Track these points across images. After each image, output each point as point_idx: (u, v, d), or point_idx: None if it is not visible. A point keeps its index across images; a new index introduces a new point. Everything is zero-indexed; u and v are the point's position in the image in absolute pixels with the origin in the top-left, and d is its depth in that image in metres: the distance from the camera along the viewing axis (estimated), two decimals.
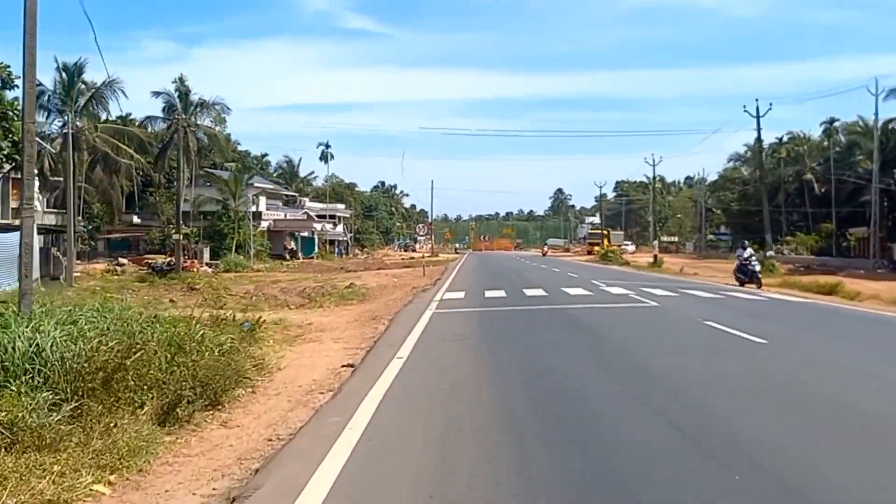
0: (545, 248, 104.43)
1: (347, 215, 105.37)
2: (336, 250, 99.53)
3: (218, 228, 63.94)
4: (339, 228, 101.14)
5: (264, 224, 70.42)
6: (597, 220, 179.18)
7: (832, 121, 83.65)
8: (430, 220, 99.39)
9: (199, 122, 63.43)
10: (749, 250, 30.74)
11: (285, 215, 75.37)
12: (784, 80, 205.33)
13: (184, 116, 61.95)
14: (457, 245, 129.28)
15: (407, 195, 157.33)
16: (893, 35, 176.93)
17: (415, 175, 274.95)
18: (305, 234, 76.73)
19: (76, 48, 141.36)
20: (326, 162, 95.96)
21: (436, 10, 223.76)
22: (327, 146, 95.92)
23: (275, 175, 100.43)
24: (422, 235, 41.32)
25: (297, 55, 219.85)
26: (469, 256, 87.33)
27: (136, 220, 70.48)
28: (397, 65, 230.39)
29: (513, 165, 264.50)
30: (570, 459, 6.09)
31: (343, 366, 11.37)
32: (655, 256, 59.61)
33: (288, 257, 71.76)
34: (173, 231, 63.11)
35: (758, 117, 49.53)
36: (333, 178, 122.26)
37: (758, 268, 29.84)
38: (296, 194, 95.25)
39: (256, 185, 72.98)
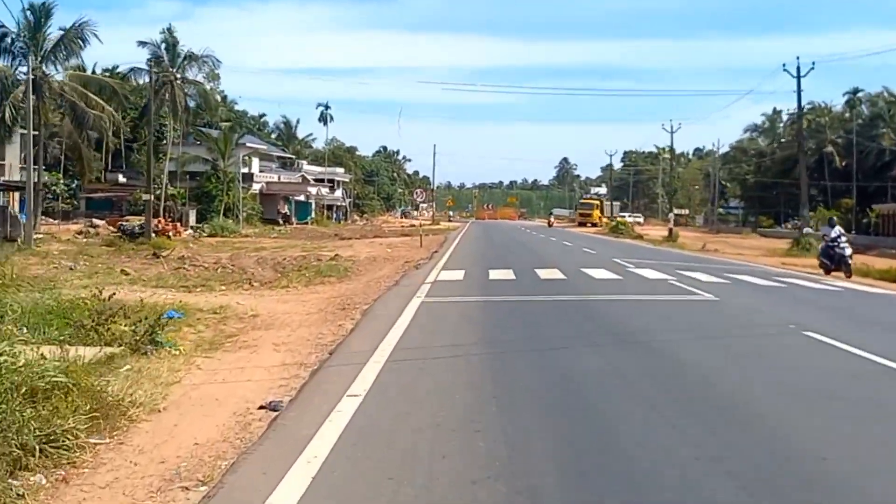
0: (551, 219, 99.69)
1: (347, 180, 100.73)
2: (334, 216, 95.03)
3: (206, 190, 59.46)
4: (338, 193, 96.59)
5: (256, 187, 65.89)
6: (603, 190, 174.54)
7: (856, 91, 78.80)
8: (433, 186, 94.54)
9: (187, 77, 58.65)
10: (837, 229, 24.42)
11: (279, 178, 70.82)
12: (796, 53, 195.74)
13: (171, 70, 57.31)
14: (450, 213, 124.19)
15: (409, 160, 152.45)
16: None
17: (418, 141, 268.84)
18: (301, 198, 72.24)
19: None
20: (326, 124, 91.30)
21: None
22: (326, 107, 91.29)
23: (272, 137, 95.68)
24: (420, 201, 36.92)
25: (303, 17, 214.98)
26: (472, 226, 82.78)
27: (121, 178, 66.01)
28: (404, 29, 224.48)
29: (518, 131, 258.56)
30: None
31: (261, 406, 6.99)
32: (671, 230, 55.12)
33: (281, 222, 67.33)
34: (144, 192, 58.67)
35: (798, 77, 44.51)
36: (335, 142, 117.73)
37: (848, 251, 23.61)
38: (293, 157, 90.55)
39: (248, 144, 68.33)
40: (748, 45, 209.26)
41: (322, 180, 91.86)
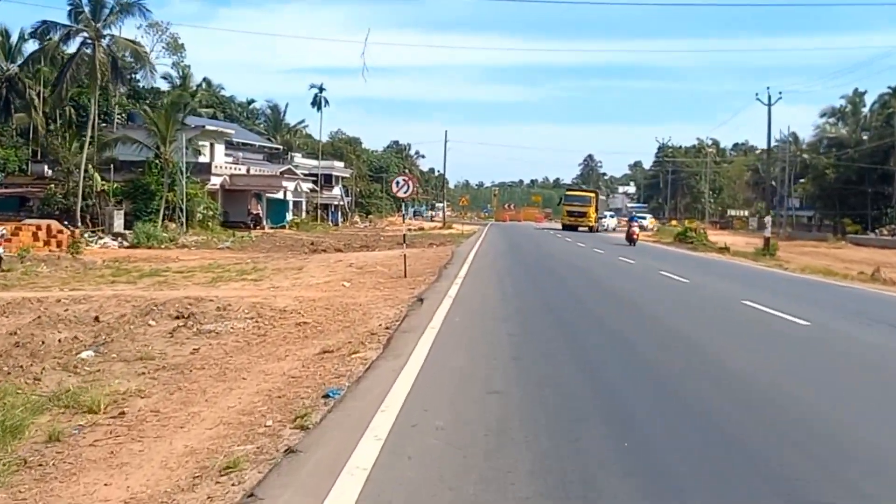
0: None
1: (347, 175, 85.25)
2: (330, 217, 79.57)
3: (142, 184, 44.10)
4: (336, 191, 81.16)
5: (216, 181, 50.48)
6: (632, 189, 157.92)
7: None
8: (444, 180, 78.59)
9: (115, 34, 43.33)
10: None
11: (248, 170, 55.22)
12: (818, 53, 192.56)
13: (92, 23, 41.97)
14: (439, 211, 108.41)
15: (423, 157, 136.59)
16: None
17: (435, 140, 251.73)
18: (278, 195, 56.61)
19: None
20: (320, 109, 75.71)
21: None
22: (321, 89, 75.68)
23: (261, 126, 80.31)
24: (404, 194, 24.16)
25: (322, 17, 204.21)
26: (491, 229, 66.94)
27: (47, 170, 50.78)
28: (422, 29, 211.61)
29: (539, 131, 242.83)
30: None
31: None
32: (767, 241, 39.04)
33: (251, 225, 51.91)
34: (59, 186, 43.63)
35: None
36: (340, 134, 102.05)
37: None
38: (279, 147, 75.15)
39: (209, 127, 52.78)
40: (770, 44, 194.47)
41: (314, 175, 76.57)
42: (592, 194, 65.00)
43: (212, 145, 52.54)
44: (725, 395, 7.50)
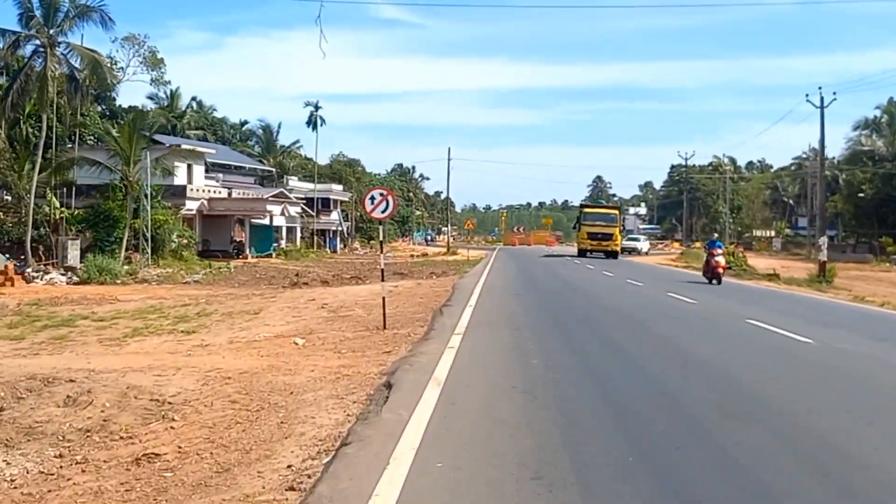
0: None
1: (346, 199, 79.68)
2: (328, 243, 73.90)
3: (103, 211, 38.55)
4: (334, 215, 75.56)
5: (193, 205, 44.87)
6: (643, 210, 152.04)
7: None
8: (447, 201, 72.47)
9: (71, 42, 37.87)
10: None
11: (229, 193, 49.61)
12: (820, 72, 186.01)
13: (45, 29, 36.62)
14: (445, 235, 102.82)
15: (427, 179, 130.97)
16: None
17: (440, 163, 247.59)
18: (264, 221, 50.91)
19: None
20: (315, 129, 70.13)
21: None
22: (316, 107, 70.18)
23: (254, 148, 74.93)
24: (378, 215, 18.96)
25: (329, 44, 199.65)
26: (499, 255, 61.09)
27: (6, 197, 45.25)
28: (429, 55, 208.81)
29: (545, 154, 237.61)
30: None
31: None
32: (823, 266, 33.05)
33: (234, 254, 46.30)
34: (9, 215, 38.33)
35: None
36: (341, 157, 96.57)
37: None
38: (272, 169, 69.69)
39: (184, 146, 47.24)
40: (773, 64, 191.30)
41: (309, 199, 71.07)
42: (616, 211, 53.71)
43: (189, 167, 46.98)
44: None
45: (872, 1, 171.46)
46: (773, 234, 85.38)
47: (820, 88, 38.57)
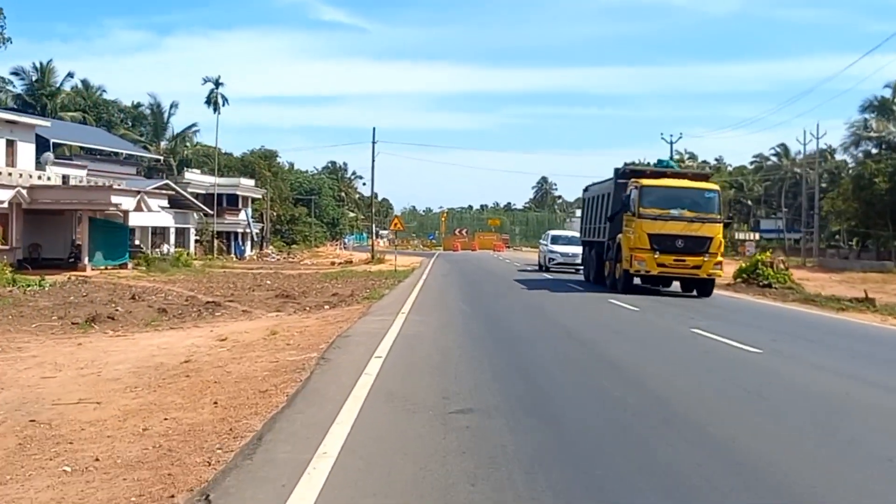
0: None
1: (258, 196, 65.88)
2: (234, 248, 60.09)
3: None
4: (243, 216, 61.78)
5: (5, 195, 30.89)
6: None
7: None
8: (373, 198, 58.32)
9: None
10: None
11: (65, 180, 35.59)
12: (756, 79, 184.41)
13: None
14: (384, 239, 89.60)
15: (360, 178, 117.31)
16: (866, 34, 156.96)
17: (382, 168, 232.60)
18: (124, 217, 36.95)
19: None
20: (217, 110, 56.17)
21: (409, 2, 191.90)
22: (217, 84, 56.17)
23: (145, 136, 60.41)
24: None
25: (269, 46, 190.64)
26: (439, 263, 48.18)
27: None
28: (370, 57, 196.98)
29: (488, 157, 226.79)
30: None
31: None
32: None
33: (72, 262, 32.51)
34: None
35: None
36: (264, 150, 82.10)
37: None
38: (159, 158, 55.64)
39: None
40: (712, 70, 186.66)
41: (224, 196, 57.29)
42: (713, 188, 23.16)
43: (10, 144, 32.99)
44: None
45: (805, 10, 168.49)
46: (748, 236, 74.42)
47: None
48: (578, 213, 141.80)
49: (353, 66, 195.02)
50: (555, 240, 38.33)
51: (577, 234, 37.10)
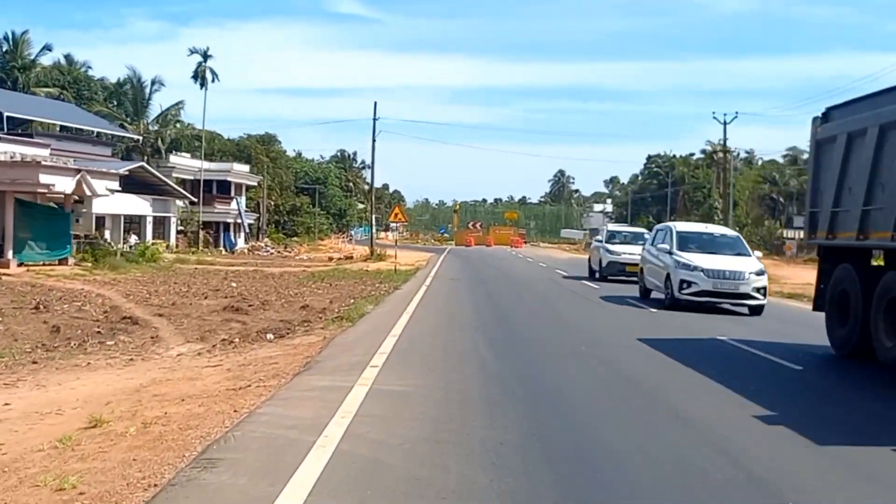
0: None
1: (253, 183, 59.28)
2: (224, 240, 53.60)
3: None
4: (234, 205, 55.23)
5: None
6: (609, 208, 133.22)
7: None
8: (372, 184, 51.11)
9: None
10: None
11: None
12: (774, 76, 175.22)
13: None
14: (394, 232, 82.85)
15: (370, 167, 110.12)
16: (884, 32, 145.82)
17: (396, 161, 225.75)
18: (66, 202, 30.34)
19: None
20: (204, 85, 49.47)
21: None
22: (205, 56, 49.48)
23: (117, 109, 53.71)
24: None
25: (285, 37, 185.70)
26: (448, 261, 41.49)
27: None
28: (386, 50, 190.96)
29: (503, 152, 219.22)
30: None
31: None
32: None
33: None
34: None
35: None
36: (267, 136, 75.13)
37: None
38: (136, 137, 49.05)
39: None
40: (728, 67, 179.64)
41: (211, 182, 50.72)
42: None
43: None
44: None
45: (823, 7, 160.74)
46: (799, 235, 67.03)
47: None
48: (596, 207, 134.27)
49: (368, 58, 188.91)
50: (612, 236, 25.93)
51: (641, 230, 28.06)
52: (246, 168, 58.22)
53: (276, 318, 15.96)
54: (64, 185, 26.68)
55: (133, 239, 38.15)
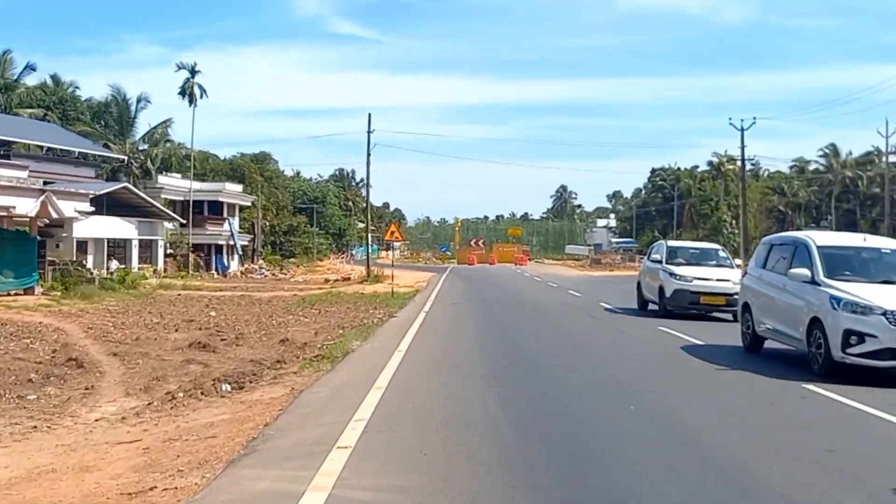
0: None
1: (247, 203, 56.84)
2: (217, 263, 51.12)
3: None
4: (227, 226, 52.73)
5: None
6: (613, 222, 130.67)
7: None
8: (367, 198, 47.80)
9: None
10: None
11: None
12: (771, 89, 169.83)
13: None
14: (395, 251, 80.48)
15: (371, 186, 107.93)
16: (881, 43, 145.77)
17: (396, 179, 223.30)
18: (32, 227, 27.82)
19: None
20: (192, 103, 47.10)
21: (424, 14, 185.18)
22: (193, 72, 47.18)
23: (104, 130, 51.26)
24: None
25: (285, 59, 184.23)
26: (451, 281, 38.97)
27: None
28: (386, 70, 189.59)
29: (503, 169, 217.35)
30: None
31: None
32: None
33: None
34: None
35: None
36: (265, 156, 72.55)
37: None
38: (122, 157, 46.67)
39: None
40: (726, 81, 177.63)
41: (202, 202, 48.23)
42: None
43: None
44: None
45: (820, 19, 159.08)
46: None
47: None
48: (600, 222, 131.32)
49: (368, 78, 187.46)
50: (674, 254, 20.08)
51: (715, 247, 22.57)
52: (239, 188, 55.82)
53: (246, 357, 13.41)
54: (26, 206, 24.19)
55: (114, 264, 35.67)
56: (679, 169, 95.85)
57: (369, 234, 42.68)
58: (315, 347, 14.00)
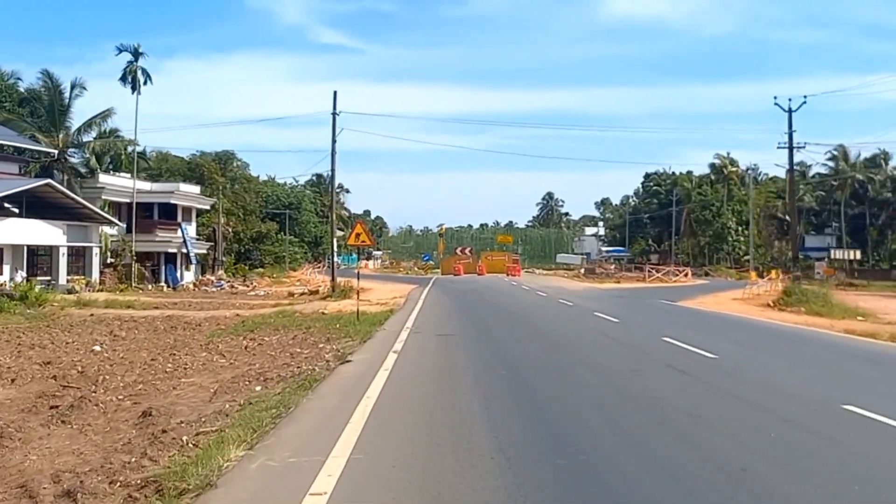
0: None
1: (206, 207, 49.88)
2: (168, 275, 44.09)
3: None
4: (180, 233, 45.73)
5: None
6: (601, 230, 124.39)
7: None
8: (332, 198, 40.35)
9: None
10: None
11: None
12: (752, 100, 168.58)
13: None
14: (377, 260, 73.38)
15: (348, 192, 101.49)
16: (861, 55, 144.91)
17: (375, 187, 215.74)
18: None
19: None
20: (136, 89, 40.29)
21: (407, 24, 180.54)
22: (136, 54, 40.31)
23: (29, 116, 43.95)
24: None
25: (268, 68, 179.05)
26: (433, 297, 32.39)
27: None
28: (369, 79, 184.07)
29: (487, 179, 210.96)
30: None
31: None
32: None
33: None
34: None
35: None
36: (231, 155, 65.29)
37: None
38: (52, 151, 39.58)
39: None
40: (708, 92, 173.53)
41: (151, 206, 41.25)
42: None
43: None
44: None
45: (801, 31, 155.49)
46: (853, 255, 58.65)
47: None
48: (588, 230, 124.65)
49: (351, 88, 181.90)
50: None
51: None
52: (196, 189, 48.87)
53: (43, 466, 6.77)
54: None
55: (19, 276, 28.76)
56: (675, 173, 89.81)
57: (334, 239, 35.39)
58: (192, 429, 7.40)
